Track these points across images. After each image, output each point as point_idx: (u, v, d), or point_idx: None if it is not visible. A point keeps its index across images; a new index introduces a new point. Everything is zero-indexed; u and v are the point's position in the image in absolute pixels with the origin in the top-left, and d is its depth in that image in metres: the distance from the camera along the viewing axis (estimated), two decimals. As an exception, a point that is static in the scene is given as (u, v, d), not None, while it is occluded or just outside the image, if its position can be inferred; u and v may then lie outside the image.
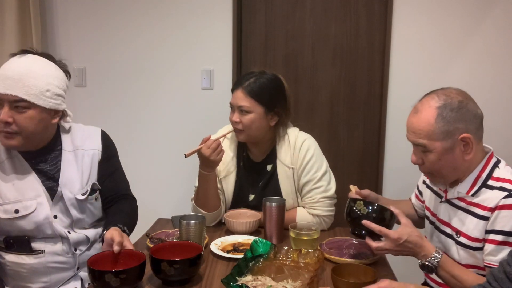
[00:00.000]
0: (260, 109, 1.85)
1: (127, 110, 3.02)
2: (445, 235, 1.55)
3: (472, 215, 1.45)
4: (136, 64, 2.98)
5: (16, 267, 1.59)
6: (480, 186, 1.46)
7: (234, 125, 1.89)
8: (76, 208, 1.64)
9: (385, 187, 2.89)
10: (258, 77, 1.86)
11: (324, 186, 1.89)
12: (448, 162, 1.45)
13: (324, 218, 1.88)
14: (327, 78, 2.91)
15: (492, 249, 1.38)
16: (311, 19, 2.88)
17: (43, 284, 1.61)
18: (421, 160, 1.50)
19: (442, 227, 1.57)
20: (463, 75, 2.71)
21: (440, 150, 1.44)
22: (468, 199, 1.48)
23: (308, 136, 1.96)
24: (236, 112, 1.88)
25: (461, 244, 1.48)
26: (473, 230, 1.44)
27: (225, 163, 1.96)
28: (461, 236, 1.48)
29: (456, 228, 1.51)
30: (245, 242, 1.70)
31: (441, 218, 1.58)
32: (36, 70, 1.53)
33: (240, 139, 1.93)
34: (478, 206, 1.44)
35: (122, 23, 2.95)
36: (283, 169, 1.91)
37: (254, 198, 1.95)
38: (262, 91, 1.84)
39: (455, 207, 1.52)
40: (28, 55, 1.58)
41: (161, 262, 1.35)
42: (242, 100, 1.85)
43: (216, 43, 2.89)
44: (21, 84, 1.49)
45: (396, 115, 2.82)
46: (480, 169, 1.48)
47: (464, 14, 2.70)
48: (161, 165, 3.03)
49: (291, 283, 1.34)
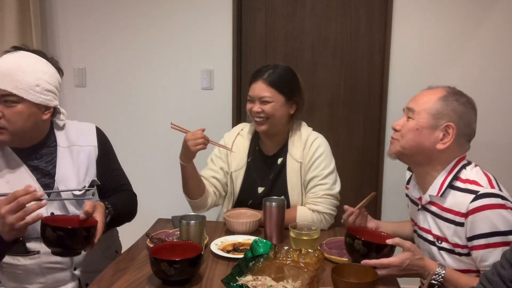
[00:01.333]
0: (280, 97, 1.91)
1: (127, 110, 3.02)
2: (428, 242, 1.55)
3: (447, 221, 1.46)
4: (136, 64, 2.98)
5: (11, 268, 1.58)
6: (447, 187, 1.46)
7: (256, 115, 1.93)
8: (73, 204, 1.64)
9: (385, 187, 2.89)
10: (275, 69, 1.94)
11: (329, 184, 1.91)
12: (421, 139, 1.47)
13: (325, 215, 1.89)
14: (327, 78, 2.91)
15: (482, 255, 1.37)
16: (311, 19, 2.88)
17: (39, 285, 1.60)
18: (399, 126, 1.53)
19: (424, 234, 1.57)
20: (462, 75, 2.72)
21: (422, 122, 1.47)
22: (439, 202, 1.49)
23: (320, 135, 2.01)
24: (256, 103, 1.93)
25: (444, 250, 1.48)
26: (452, 237, 1.44)
27: (237, 158, 2.00)
28: (442, 242, 1.48)
29: (436, 235, 1.51)
30: (245, 242, 1.70)
31: (421, 226, 1.58)
32: (26, 65, 1.53)
33: (261, 129, 1.96)
34: (450, 212, 1.45)
35: (122, 23, 2.96)
36: (292, 163, 1.95)
37: (264, 190, 1.98)
38: (282, 81, 1.92)
39: (430, 213, 1.53)
40: (19, 51, 1.58)
41: (161, 262, 1.35)
42: (263, 90, 1.90)
43: (216, 43, 2.89)
44: (10, 78, 1.49)
45: (396, 115, 2.82)
46: (448, 171, 1.49)
47: (464, 14, 2.70)
48: (161, 165, 3.03)
49: (291, 283, 1.34)
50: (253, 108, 1.93)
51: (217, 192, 2.02)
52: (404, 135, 1.51)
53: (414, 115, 1.49)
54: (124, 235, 1.94)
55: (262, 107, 1.91)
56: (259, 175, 2.00)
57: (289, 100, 1.94)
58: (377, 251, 1.42)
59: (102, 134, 1.79)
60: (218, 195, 2.03)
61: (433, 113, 1.46)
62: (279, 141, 2.01)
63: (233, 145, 2.02)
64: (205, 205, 1.98)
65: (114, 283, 1.41)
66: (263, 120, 1.92)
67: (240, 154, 2.02)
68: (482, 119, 2.56)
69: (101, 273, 1.48)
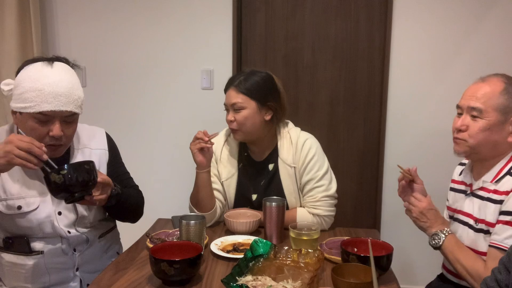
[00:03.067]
0: (252, 103, 1.87)
1: (127, 110, 3.02)
2: (466, 225, 1.58)
3: (491, 201, 1.48)
4: (136, 64, 2.98)
5: (14, 267, 1.59)
6: (505, 174, 1.48)
7: (229, 125, 1.91)
8: (83, 205, 1.64)
9: (385, 187, 2.89)
10: (247, 75, 1.90)
11: (325, 185, 1.90)
12: (493, 136, 1.47)
13: (325, 218, 1.88)
14: (327, 78, 2.91)
15: (498, 228, 1.40)
16: (311, 19, 2.88)
17: (42, 285, 1.61)
18: (465, 126, 1.50)
19: (464, 218, 1.59)
20: (463, 75, 2.71)
21: (493, 120, 1.45)
22: (490, 187, 1.50)
23: (310, 135, 1.97)
24: (230, 111, 1.90)
25: (480, 231, 1.50)
26: (491, 216, 1.46)
27: (227, 166, 1.97)
28: (479, 223, 1.50)
29: (475, 217, 1.53)
30: (245, 242, 1.70)
31: (464, 211, 1.60)
32: (75, 81, 1.55)
33: (237, 139, 1.95)
34: (496, 192, 1.47)
35: (122, 23, 2.96)
36: (285, 168, 1.92)
37: (257, 198, 1.95)
38: (253, 86, 1.88)
39: (478, 197, 1.55)
40: (56, 63, 1.55)
41: (161, 262, 1.35)
42: (234, 97, 1.88)
43: (216, 43, 2.89)
44: (71, 99, 1.50)
45: (396, 115, 2.82)
46: (508, 159, 1.50)
47: (464, 14, 2.70)
48: (161, 165, 3.03)
49: (291, 283, 1.34)
50: (226, 117, 1.92)
51: (221, 204, 1.97)
52: (474, 135, 1.49)
53: (482, 115, 1.46)
54: (124, 235, 1.94)
55: (235, 115, 1.88)
56: (251, 182, 1.97)
57: (262, 106, 1.89)
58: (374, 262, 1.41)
59: (111, 139, 1.82)
60: (222, 207, 1.98)
61: (501, 108, 1.45)
62: (267, 146, 1.97)
63: (222, 152, 1.99)
64: (215, 216, 1.93)
65: (114, 283, 1.41)
66: (235, 130, 1.90)
67: (229, 161, 1.98)
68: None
69: (101, 273, 1.49)
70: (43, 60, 1.54)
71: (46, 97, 1.46)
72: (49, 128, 1.49)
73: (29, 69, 1.51)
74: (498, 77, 1.49)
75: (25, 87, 1.47)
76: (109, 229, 1.80)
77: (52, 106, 1.46)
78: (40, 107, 1.45)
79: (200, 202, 1.88)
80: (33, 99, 1.45)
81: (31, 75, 1.49)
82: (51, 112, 1.47)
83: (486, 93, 1.47)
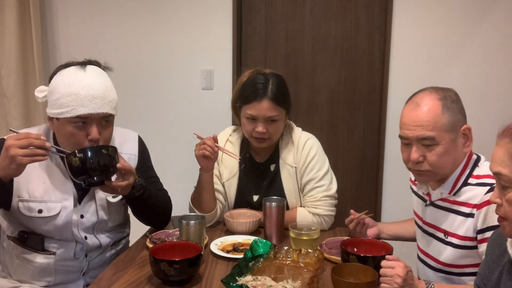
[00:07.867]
0: (283, 113, 1.86)
1: (127, 110, 3.01)
2: (433, 237, 1.54)
3: (457, 213, 1.45)
4: (136, 64, 2.98)
5: (25, 262, 1.59)
6: (461, 186, 1.45)
7: (259, 135, 1.83)
8: (104, 210, 1.64)
9: (385, 187, 2.89)
10: (273, 81, 1.82)
11: (326, 185, 1.89)
12: (451, 156, 1.43)
13: (325, 218, 1.88)
14: (327, 78, 2.91)
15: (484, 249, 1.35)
16: (311, 19, 2.88)
17: (46, 283, 1.61)
18: (422, 157, 1.44)
19: (429, 230, 1.56)
20: (463, 75, 2.72)
21: (448, 142, 1.41)
22: (451, 198, 1.47)
23: (311, 135, 1.97)
24: (260, 122, 1.81)
25: (451, 245, 1.46)
26: (460, 229, 1.43)
27: (229, 167, 1.96)
28: (449, 236, 1.47)
29: (443, 229, 1.49)
30: (245, 242, 1.70)
31: (427, 221, 1.57)
32: (108, 83, 1.58)
33: (262, 146, 1.90)
34: (463, 205, 1.43)
35: (121, 23, 2.96)
36: (286, 169, 1.92)
37: (258, 199, 1.95)
38: (284, 96, 1.84)
39: (440, 208, 1.51)
40: (89, 66, 1.56)
41: (161, 262, 1.35)
42: (270, 110, 1.79)
43: (216, 43, 2.89)
44: (106, 100, 1.52)
45: (396, 115, 2.79)
46: (461, 169, 1.46)
47: (464, 15, 2.70)
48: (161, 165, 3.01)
49: (291, 283, 1.34)
50: (256, 129, 1.81)
51: (221, 205, 1.96)
52: (435, 163, 1.42)
53: (435, 141, 1.40)
54: (124, 235, 1.94)
55: (268, 127, 1.81)
56: (252, 183, 1.96)
57: (288, 112, 1.89)
58: (374, 262, 1.40)
59: (143, 143, 1.83)
60: (222, 207, 1.97)
61: (449, 127, 1.41)
62: (270, 147, 1.95)
63: (223, 153, 1.95)
64: (215, 217, 1.92)
65: (114, 283, 1.41)
66: (265, 139, 1.85)
67: (231, 162, 1.95)
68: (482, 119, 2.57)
69: (101, 273, 1.49)
70: (75, 65, 1.55)
71: (82, 101, 1.46)
72: (87, 132, 1.50)
73: (62, 74, 1.52)
74: (431, 96, 1.43)
75: (60, 92, 1.48)
76: (124, 237, 1.79)
77: (88, 109, 1.47)
78: (77, 111, 1.46)
79: (202, 203, 1.87)
80: (69, 104, 1.46)
81: (65, 80, 1.50)
82: (88, 115, 1.48)
83: (430, 119, 1.40)
